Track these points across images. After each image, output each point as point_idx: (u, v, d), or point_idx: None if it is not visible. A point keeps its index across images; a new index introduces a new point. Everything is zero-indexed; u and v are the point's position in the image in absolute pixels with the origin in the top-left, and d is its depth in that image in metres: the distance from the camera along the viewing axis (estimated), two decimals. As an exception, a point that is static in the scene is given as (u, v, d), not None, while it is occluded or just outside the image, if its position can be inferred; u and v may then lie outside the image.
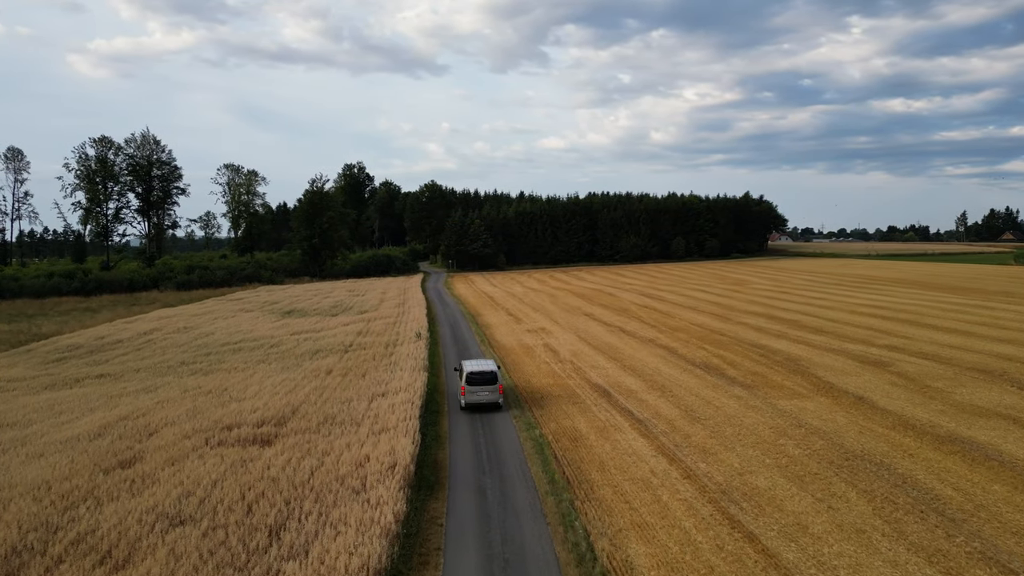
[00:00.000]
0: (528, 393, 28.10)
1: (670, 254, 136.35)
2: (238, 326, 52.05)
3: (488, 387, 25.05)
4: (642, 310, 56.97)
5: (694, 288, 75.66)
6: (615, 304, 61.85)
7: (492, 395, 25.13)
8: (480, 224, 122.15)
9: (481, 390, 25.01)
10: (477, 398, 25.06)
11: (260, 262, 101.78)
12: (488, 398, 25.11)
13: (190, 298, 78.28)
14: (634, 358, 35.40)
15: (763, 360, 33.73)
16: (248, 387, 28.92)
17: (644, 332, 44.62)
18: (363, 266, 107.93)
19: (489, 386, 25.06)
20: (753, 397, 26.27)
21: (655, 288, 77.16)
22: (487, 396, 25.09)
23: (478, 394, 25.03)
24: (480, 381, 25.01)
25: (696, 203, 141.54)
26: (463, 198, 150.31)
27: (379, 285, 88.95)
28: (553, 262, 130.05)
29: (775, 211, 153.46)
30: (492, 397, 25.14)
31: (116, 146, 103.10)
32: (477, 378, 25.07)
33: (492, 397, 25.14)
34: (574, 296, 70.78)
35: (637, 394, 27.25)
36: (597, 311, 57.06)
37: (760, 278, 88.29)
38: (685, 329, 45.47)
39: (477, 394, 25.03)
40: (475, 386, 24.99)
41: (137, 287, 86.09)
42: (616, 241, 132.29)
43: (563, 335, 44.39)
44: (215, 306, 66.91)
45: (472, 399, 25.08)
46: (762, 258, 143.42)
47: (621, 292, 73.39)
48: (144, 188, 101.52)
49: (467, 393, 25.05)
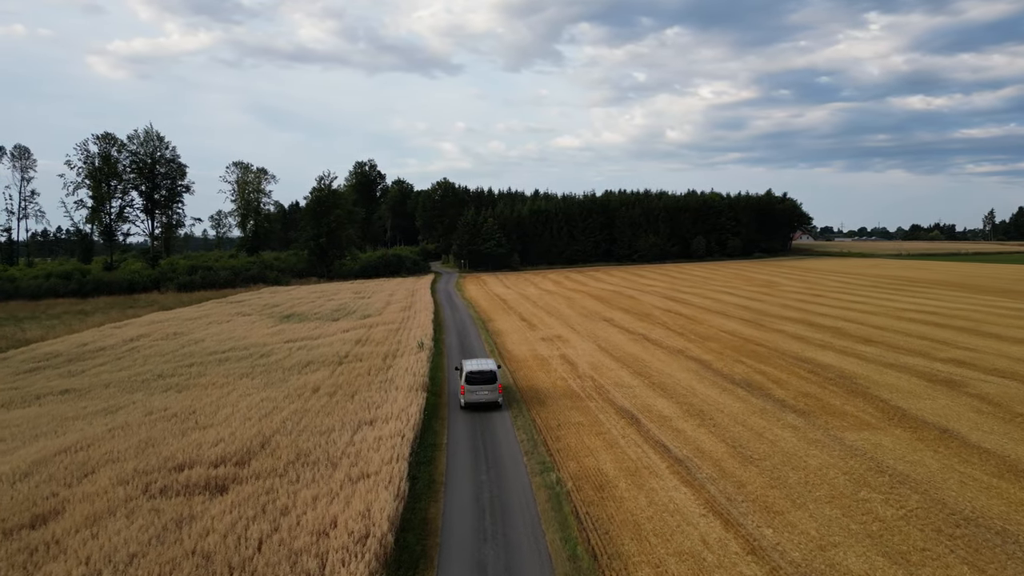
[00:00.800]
0: (543, 419, 23.99)
1: (690, 254, 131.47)
2: (231, 332, 48.45)
3: (488, 386, 25.14)
4: (666, 315, 52.62)
5: (720, 290, 71.08)
6: (637, 308, 57.53)
7: (491, 394, 25.23)
8: (493, 223, 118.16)
9: (481, 389, 25.09)
10: (477, 397, 25.13)
11: (266, 262, 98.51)
12: (487, 397, 25.18)
13: (190, 300, 75.05)
14: (663, 373, 31.17)
15: (813, 377, 29.35)
16: (220, 409, 25.09)
17: (671, 341, 40.32)
18: (372, 266, 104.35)
19: (488, 385, 25.15)
20: (811, 427, 21.97)
21: (678, 290, 72.68)
22: (487, 395, 25.16)
23: (478, 393, 25.12)
24: (480, 380, 25.10)
25: (717, 201, 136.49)
26: (476, 196, 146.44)
27: (387, 287, 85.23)
28: (569, 262, 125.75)
29: (799, 209, 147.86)
30: (491, 396, 25.22)
31: (119, 143, 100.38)
32: (477, 377, 25.16)
33: (491, 396, 25.22)
34: (592, 299, 66.53)
35: (671, 421, 23.04)
36: (617, 316, 52.80)
37: (789, 279, 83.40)
38: (716, 338, 41.11)
39: (477, 393, 25.12)
40: (475, 385, 25.09)
41: (137, 288, 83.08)
42: (634, 240, 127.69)
43: (581, 344, 40.22)
44: (212, 309, 63.47)
45: (472, 398, 25.17)
46: (786, 258, 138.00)
47: (642, 295, 69.01)
48: (147, 186, 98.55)
49: (467, 392, 25.15)
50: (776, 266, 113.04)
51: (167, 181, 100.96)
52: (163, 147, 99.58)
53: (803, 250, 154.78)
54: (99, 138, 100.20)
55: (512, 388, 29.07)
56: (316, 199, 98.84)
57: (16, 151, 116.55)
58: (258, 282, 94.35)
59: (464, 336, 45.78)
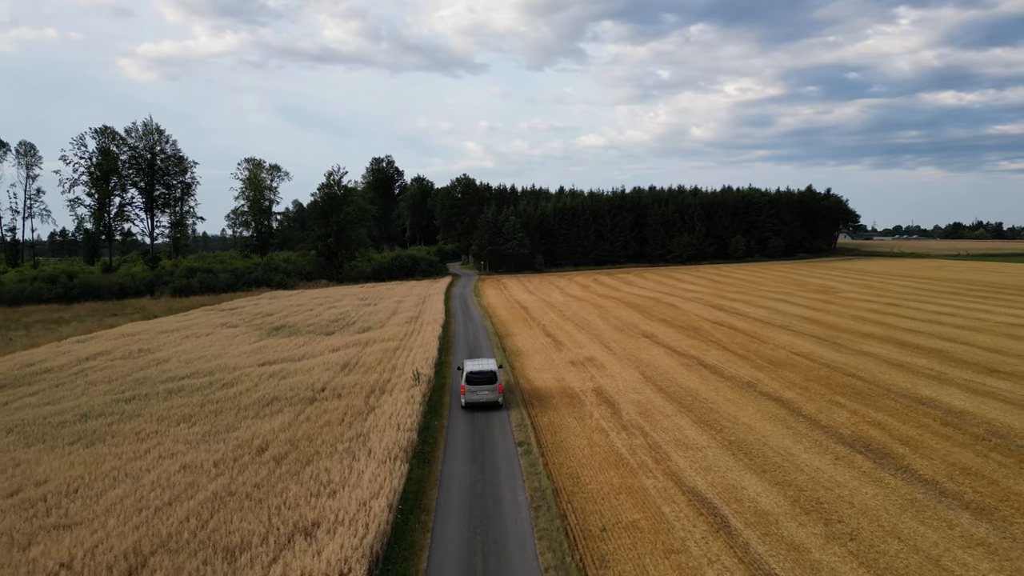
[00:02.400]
0: (578, 516, 15.94)
1: (728, 254, 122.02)
2: (205, 349, 41.21)
3: (488, 386, 25.52)
4: (718, 329, 44.18)
5: (772, 297, 62.22)
6: (681, 320, 49.10)
7: (492, 394, 25.63)
8: (516, 221, 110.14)
9: (481, 389, 25.48)
10: (477, 397, 25.51)
11: (271, 264, 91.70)
12: (488, 397, 25.59)
13: (182, 307, 68.36)
14: (738, 422, 22.96)
15: (956, 435, 20.90)
16: (114, 487, 17.54)
17: (735, 367, 31.98)
18: (385, 268, 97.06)
19: (489, 385, 25.53)
20: (1013, 544, 13.64)
21: (724, 297, 63.96)
22: (487, 395, 25.56)
23: (478, 393, 25.51)
24: (480, 380, 25.46)
25: (757, 197, 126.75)
26: (498, 194, 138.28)
27: (398, 291, 77.75)
28: (596, 263, 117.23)
29: (844, 206, 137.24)
30: (492, 396, 25.63)
31: (119, 138, 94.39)
32: (477, 377, 25.52)
33: (492, 396, 25.63)
34: (626, 307, 58.21)
35: (779, 526, 14.88)
36: (660, 330, 44.49)
37: (848, 284, 74.02)
38: (791, 363, 32.68)
39: (477, 393, 25.51)
40: (475, 385, 25.43)
41: (128, 293, 76.72)
42: (667, 240, 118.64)
43: (621, 371, 32.07)
44: (197, 319, 56.45)
45: (472, 398, 25.52)
46: (833, 258, 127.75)
47: (683, 302, 60.47)
48: (147, 182, 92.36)
49: (467, 392, 25.50)
50: (826, 268, 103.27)
51: (167, 177, 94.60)
52: (163, 141, 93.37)
53: (849, 250, 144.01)
54: (97, 132, 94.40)
55: (531, 447, 21.12)
56: (324, 196, 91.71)
57: (21, 148, 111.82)
58: (261, 285, 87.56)
59: (477, 357, 37.81)
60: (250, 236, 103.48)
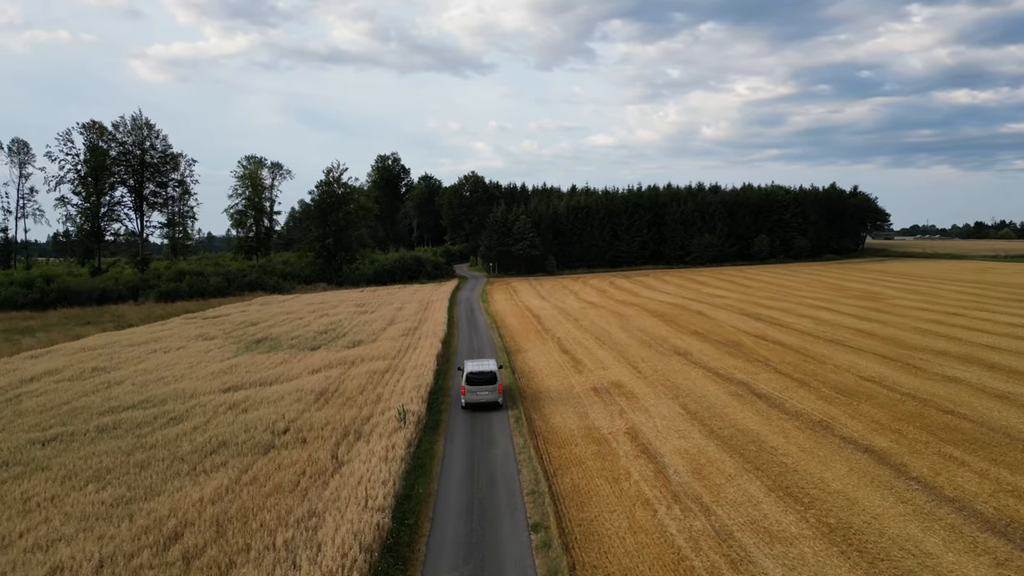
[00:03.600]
0: None
1: (751, 255, 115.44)
2: (168, 368, 35.61)
3: (488, 387, 25.60)
4: (762, 345, 38.09)
5: (812, 304, 55.93)
6: (715, 332, 43.00)
7: (492, 395, 25.67)
8: (526, 220, 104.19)
9: (481, 390, 25.56)
10: (477, 397, 25.60)
11: (266, 267, 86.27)
12: (488, 397, 25.64)
13: (164, 313, 63.03)
14: (828, 489, 16.98)
15: None
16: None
17: (796, 398, 25.92)
18: (387, 271, 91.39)
19: (489, 386, 25.61)
20: None
21: (757, 303, 57.71)
22: (487, 396, 25.62)
23: (478, 394, 25.57)
24: (480, 381, 25.57)
25: (781, 195, 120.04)
26: (508, 193, 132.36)
27: (400, 296, 72.06)
28: (612, 265, 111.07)
29: (873, 204, 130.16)
30: (492, 397, 25.67)
31: (108, 133, 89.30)
32: (477, 378, 25.62)
33: (492, 397, 25.67)
34: (650, 316, 52.14)
35: None
36: (694, 346, 38.44)
37: (893, 289, 67.47)
38: (865, 393, 26.59)
39: (477, 394, 25.57)
40: (475, 386, 25.53)
41: (110, 298, 71.49)
42: (687, 240, 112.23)
43: (657, 403, 26.11)
44: (173, 330, 50.90)
45: (472, 398, 25.59)
46: (863, 260, 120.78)
47: (713, 310, 54.32)
48: (136, 180, 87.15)
49: (467, 393, 25.57)
50: (859, 270, 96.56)
51: (158, 175, 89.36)
52: (153, 136, 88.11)
53: (877, 251, 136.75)
54: (85, 127, 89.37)
55: (551, 536, 15.17)
56: (322, 194, 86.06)
57: (14, 145, 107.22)
58: (255, 290, 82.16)
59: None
60: (245, 237, 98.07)
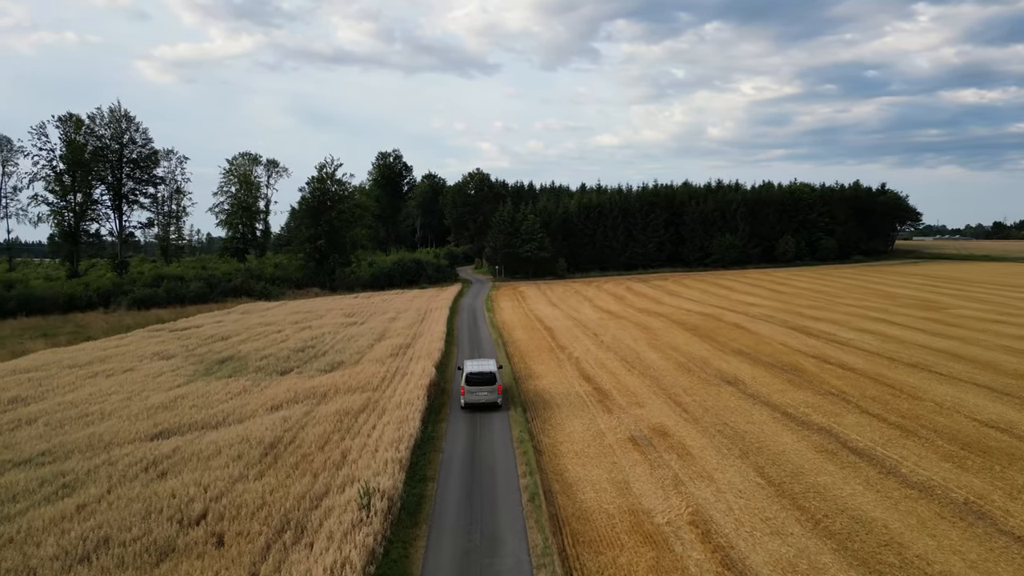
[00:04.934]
0: None
1: (775, 257, 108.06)
2: (100, 400, 28.82)
3: (487, 387, 25.37)
4: (827, 369, 30.99)
5: (864, 315, 48.70)
6: (764, 351, 35.88)
7: (491, 395, 25.47)
8: (535, 220, 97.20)
9: (480, 390, 25.36)
10: (476, 398, 25.42)
11: (253, 271, 79.53)
12: (487, 398, 25.44)
13: (134, 323, 56.44)
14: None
15: None
16: None
17: (911, 458, 18.87)
18: (385, 275, 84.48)
19: (488, 386, 25.39)
20: None
21: (799, 314, 50.50)
22: (486, 396, 25.41)
23: (477, 394, 25.40)
24: (480, 381, 25.40)
25: (806, 193, 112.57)
26: (515, 192, 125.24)
27: (396, 303, 65.20)
28: (626, 268, 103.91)
29: (904, 203, 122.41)
30: (491, 397, 25.47)
31: (85, 127, 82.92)
32: (477, 378, 25.45)
33: (491, 397, 25.47)
34: (680, 329, 45.08)
35: None
36: (744, 370, 31.38)
37: (950, 296, 60.06)
38: (1002, 448, 19.55)
39: (476, 394, 25.40)
40: (475, 386, 25.39)
41: (79, 305, 64.98)
42: (707, 241, 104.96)
43: (720, 464, 19.10)
44: (129, 345, 44.12)
45: (471, 399, 25.46)
46: (896, 262, 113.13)
47: (751, 321, 47.20)
48: (114, 176, 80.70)
49: (467, 393, 25.45)
50: (899, 273, 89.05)
51: (139, 171, 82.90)
52: (133, 129, 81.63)
53: (908, 252, 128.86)
54: (61, 120, 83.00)
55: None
56: (313, 190, 79.25)
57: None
58: (241, 295, 75.52)
59: (481, 431, 24.89)
60: (232, 237, 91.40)
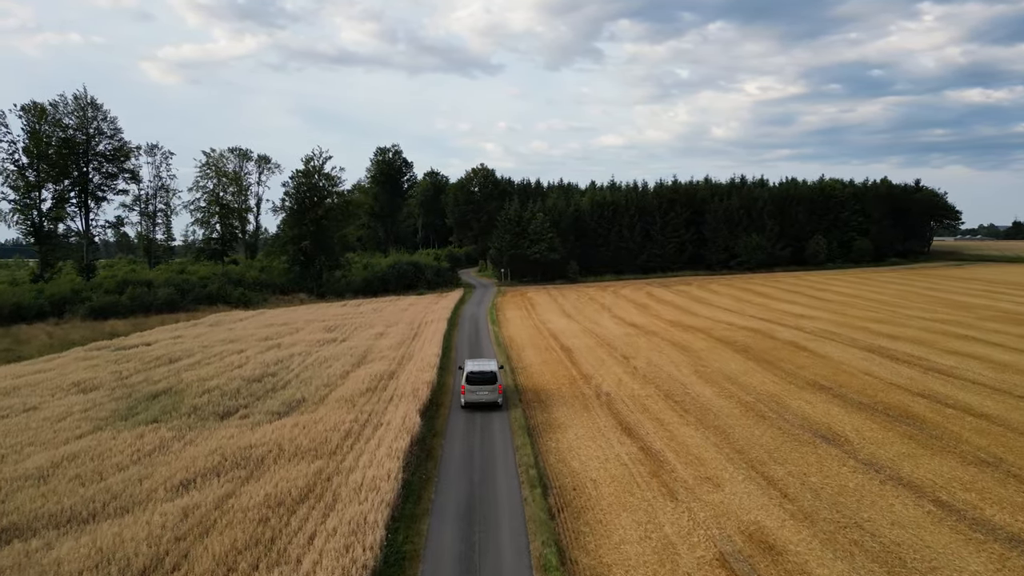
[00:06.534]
0: None
1: (805, 259, 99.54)
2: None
3: (488, 386, 25.12)
4: (952, 417, 22.68)
5: (949, 332, 40.26)
6: (849, 384, 27.50)
7: (491, 394, 25.22)
8: (544, 219, 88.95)
9: (481, 389, 25.13)
10: (477, 397, 25.20)
11: (231, 276, 71.45)
12: (487, 397, 25.20)
13: (78, 338, 48.59)
14: None
15: None
16: None
17: None
18: (380, 279, 76.32)
19: (489, 385, 25.13)
20: None
21: (867, 329, 42.05)
22: (487, 395, 25.19)
23: (478, 393, 25.16)
24: (480, 381, 25.13)
25: (838, 189, 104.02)
26: (522, 189, 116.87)
27: (387, 313, 57.03)
28: (643, 270, 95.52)
29: (942, 200, 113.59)
30: (491, 396, 25.22)
31: (50, 117, 75.01)
32: (477, 377, 25.20)
33: (491, 396, 25.22)
34: (728, 349, 36.75)
35: None
36: (840, 419, 23.04)
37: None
38: None
39: (477, 393, 25.17)
40: (475, 385, 25.13)
41: (27, 315, 57.06)
42: (731, 241, 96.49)
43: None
44: (52, 371, 36.03)
45: (472, 398, 25.26)
46: (938, 264, 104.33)
47: (813, 340, 38.81)
48: (79, 170, 72.83)
49: (467, 392, 25.21)
50: (951, 278, 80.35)
51: (108, 164, 74.99)
52: (100, 118, 73.75)
53: (947, 253, 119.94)
54: (24, 109, 75.13)
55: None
56: (298, 185, 71.08)
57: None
58: (217, 303, 67.51)
59: (485, 543, 16.68)
60: (208, 238, 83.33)
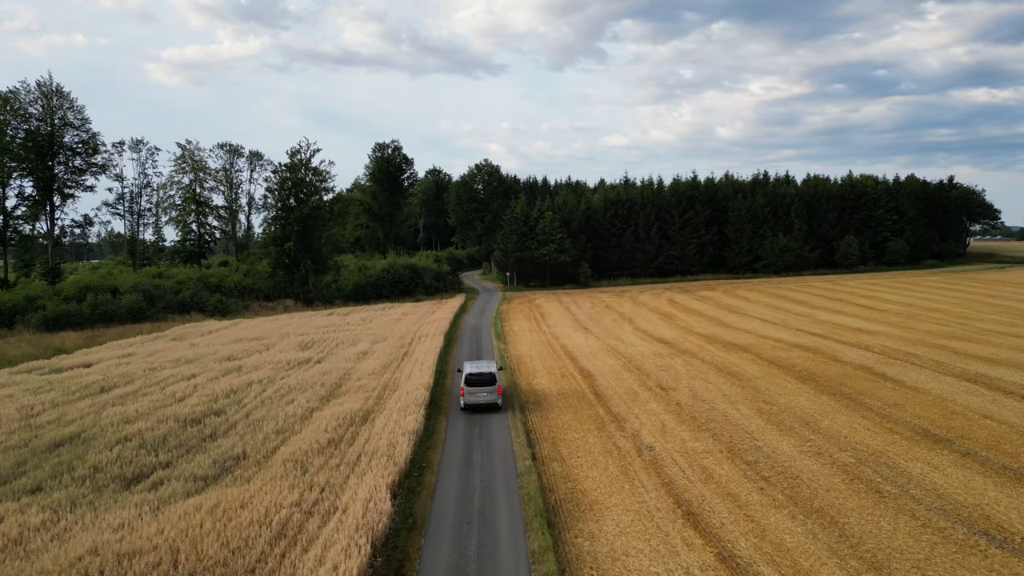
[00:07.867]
0: None
1: (835, 261, 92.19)
2: None
3: (487, 388, 24.95)
4: None
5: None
6: (979, 437, 20.30)
7: (491, 396, 25.06)
8: (553, 218, 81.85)
9: (480, 391, 24.93)
10: (476, 399, 24.96)
11: (209, 281, 64.50)
12: (487, 399, 25.02)
13: (16, 356, 41.84)
14: None
15: None
16: None
17: None
18: (372, 284, 69.29)
19: (488, 387, 24.96)
20: None
21: (949, 348, 34.76)
22: (486, 397, 25.01)
23: (477, 395, 24.95)
24: (479, 382, 24.92)
25: (871, 187, 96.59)
26: (528, 187, 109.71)
27: (376, 325, 49.96)
28: (660, 274, 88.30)
29: (979, 198, 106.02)
30: (491, 398, 25.07)
31: (11, 106, 68.31)
32: (476, 379, 24.98)
33: (491, 398, 25.07)
34: (788, 377, 29.53)
35: None
36: (995, 500, 15.81)
37: None
38: None
39: (476, 395, 24.94)
40: (474, 387, 24.88)
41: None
42: (755, 242, 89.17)
43: None
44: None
45: (471, 400, 24.99)
46: (979, 267, 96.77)
47: (892, 365, 31.55)
48: (41, 164, 66.12)
49: (466, 394, 25.01)
50: (1004, 283, 72.82)
51: (76, 158, 68.27)
52: (66, 107, 67.03)
53: (985, 255, 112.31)
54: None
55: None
56: (282, 181, 64.04)
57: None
58: (191, 310, 60.70)
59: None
60: (183, 239, 76.30)
